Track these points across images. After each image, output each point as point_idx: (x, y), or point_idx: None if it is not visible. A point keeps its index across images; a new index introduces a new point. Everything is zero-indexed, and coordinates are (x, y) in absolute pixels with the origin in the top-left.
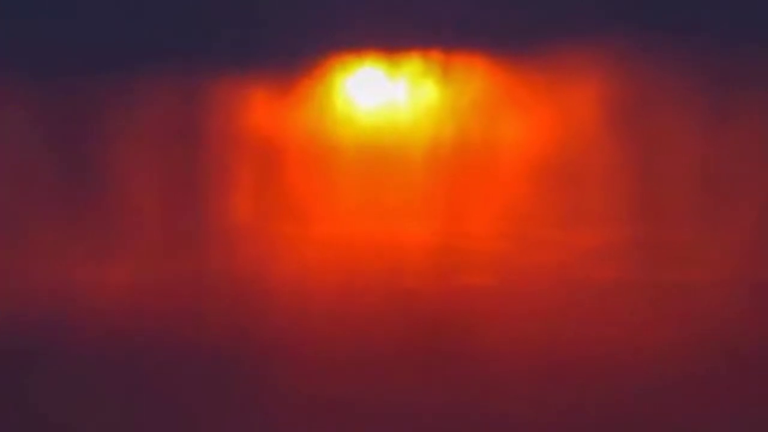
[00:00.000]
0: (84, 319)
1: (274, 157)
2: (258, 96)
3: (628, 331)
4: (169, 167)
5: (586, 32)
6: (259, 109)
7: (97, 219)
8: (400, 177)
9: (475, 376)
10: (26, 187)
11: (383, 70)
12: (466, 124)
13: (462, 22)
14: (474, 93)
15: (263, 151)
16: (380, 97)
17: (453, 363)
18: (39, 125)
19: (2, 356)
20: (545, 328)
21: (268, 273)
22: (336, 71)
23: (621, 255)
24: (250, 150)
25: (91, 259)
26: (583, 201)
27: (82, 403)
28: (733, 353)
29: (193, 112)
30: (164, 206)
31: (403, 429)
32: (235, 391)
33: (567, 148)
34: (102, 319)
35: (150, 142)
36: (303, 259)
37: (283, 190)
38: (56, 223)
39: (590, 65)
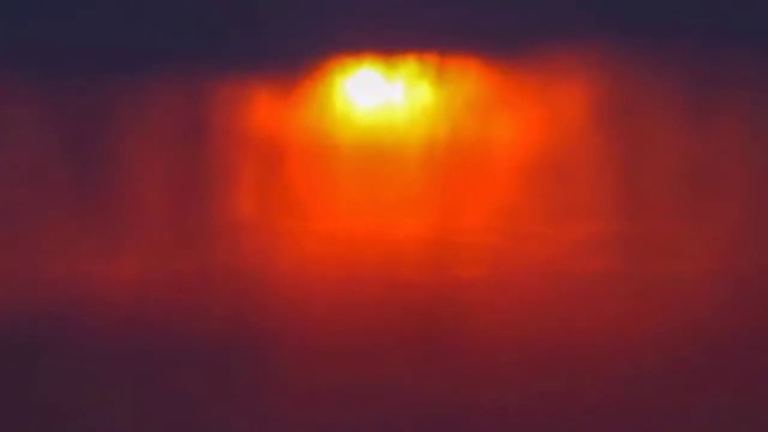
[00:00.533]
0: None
1: (277, 155)
2: (261, 96)
3: (614, 320)
4: (176, 165)
5: (574, 36)
6: (262, 109)
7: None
8: (396, 174)
9: (468, 363)
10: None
11: (381, 72)
12: (459, 123)
13: (456, 27)
14: (467, 94)
15: (266, 149)
16: (378, 98)
17: (447, 351)
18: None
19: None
20: (535, 318)
21: (271, 266)
22: (336, 73)
23: (608, 248)
24: (253, 149)
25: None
26: (572, 197)
27: (92, 391)
28: (715, 341)
29: (199, 112)
30: (172, 203)
31: (399, 414)
32: (239, 378)
33: (556, 146)
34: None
35: (158, 142)
36: (304, 253)
37: (286, 187)
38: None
39: (578, 67)
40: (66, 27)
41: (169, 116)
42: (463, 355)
